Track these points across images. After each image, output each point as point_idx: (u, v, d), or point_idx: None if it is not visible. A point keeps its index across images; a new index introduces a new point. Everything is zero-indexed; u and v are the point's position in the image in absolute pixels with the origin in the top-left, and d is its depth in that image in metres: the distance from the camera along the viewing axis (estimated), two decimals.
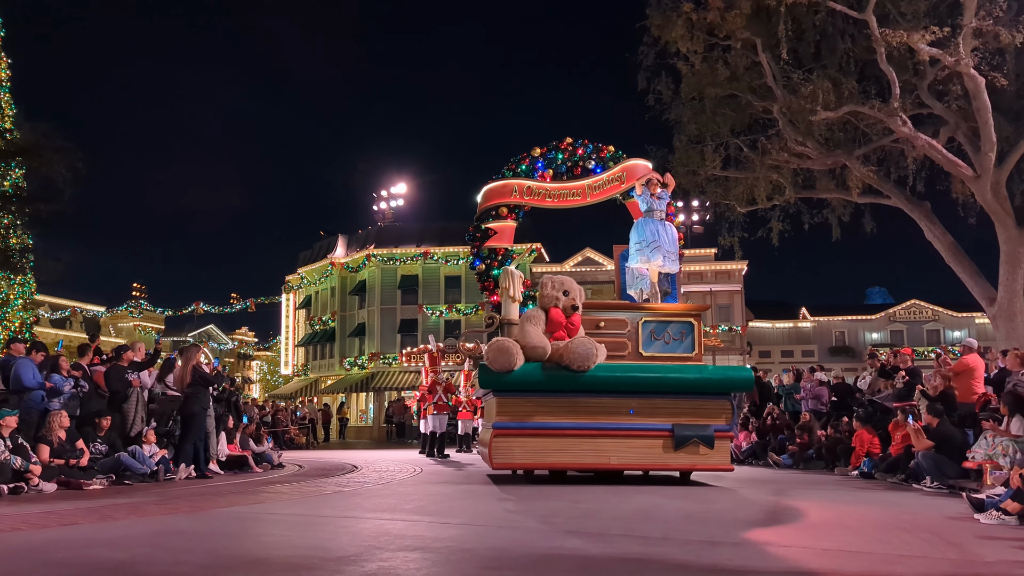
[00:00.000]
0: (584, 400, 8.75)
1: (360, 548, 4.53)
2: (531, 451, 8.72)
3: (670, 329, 9.59)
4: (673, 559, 4.24)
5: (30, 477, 8.30)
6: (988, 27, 17.75)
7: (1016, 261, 19.37)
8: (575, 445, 8.71)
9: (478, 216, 12.38)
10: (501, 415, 8.86)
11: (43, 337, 36.18)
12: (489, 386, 8.99)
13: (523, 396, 8.79)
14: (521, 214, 12.44)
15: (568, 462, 8.83)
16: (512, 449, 8.74)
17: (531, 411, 8.78)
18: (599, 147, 12.39)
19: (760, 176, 22.07)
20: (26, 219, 27.78)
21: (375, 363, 39.27)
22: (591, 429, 8.73)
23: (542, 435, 8.73)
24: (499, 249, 12.14)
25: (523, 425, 8.75)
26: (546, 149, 12.42)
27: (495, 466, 8.84)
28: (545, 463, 8.85)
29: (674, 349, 9.52)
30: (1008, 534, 5.36)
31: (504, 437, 8.77)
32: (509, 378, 8.56)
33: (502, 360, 8.46)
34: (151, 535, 5.19)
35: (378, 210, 44.41)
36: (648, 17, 20.91)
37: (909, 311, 44.57)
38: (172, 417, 11.48)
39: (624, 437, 8.74)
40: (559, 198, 12.31)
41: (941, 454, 9.08)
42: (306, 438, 26.96)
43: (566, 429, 8.72)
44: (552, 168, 12.37)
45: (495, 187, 12.32)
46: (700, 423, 8.76)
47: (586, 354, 8.48)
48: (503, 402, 8.87)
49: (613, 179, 12.12)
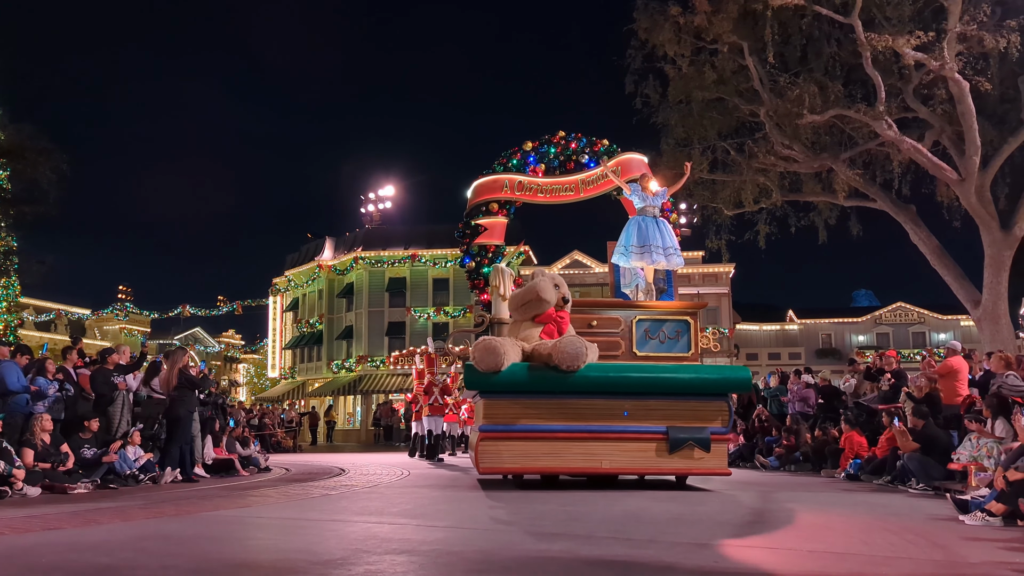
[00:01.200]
0: (574, 402, 8.38)
1: (347, 551, 4.52)
2: (519, 455, 8.37)
3: (665, 328, 9.31)
4: (660, 561, 4.25)
5: (14, 481, 8.22)
6: (972, 32, 17.91)
7: (1000, 264, 19.52)
8: (565, 449, 8.35)
9: (468, 212, 12.09)
10: (488, 418, 8.52)
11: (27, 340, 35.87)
12: (475, 387, 8.70)
13: (510, 398, 8.41)
14: (513, 210, 12.14)
15: (558, 466, 8.48)
16: (500, 453, 8.39)
17: (519, 413, 8.40)
18: (593, 141, 12.10)
19: (747, 179, 22.18)
20: (10, 221, 27.61)
21: (363, 366, 39.17)
22: (582, 432, 8.35)
23: (530, 438, 8.35)
24: (489, 246, 11.83)
25: (510, 428, 8.38)
26: (538, 143, 12.14)
27: (482, 471, 8.55)
28: (534, 467, 8.52)
29: (669, 349, 9.27)
30: (993, 535, 5.39)
31: (491, 440, 8.41)
32: (496, 379, 8.17)
33: (489, 360, 8.04)
34: (136, 539, 5.15)
35: (366, 212, 44.35)
36: (636, 21, 21.00)
37: (895, 313, 44.84)
38: (158, 420, 11.41)
39: (616, 440, 8.37)
40: (551, 193, 12.04)
41: (926, 456, 9.13)
42: (293, 441, 26.88)
43: (555, 432, 8.35)
44: (544, 162, 12.09)
45: (485, 182, 12.02)
46: (696, 425, 8.38)
47: (576, 353, 8.07)
48: (490, 404, 8.52)
49: (607, 173, 11.77)
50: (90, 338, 47.24)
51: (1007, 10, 18.37)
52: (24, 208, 27.81)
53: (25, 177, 27.52)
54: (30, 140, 27.61)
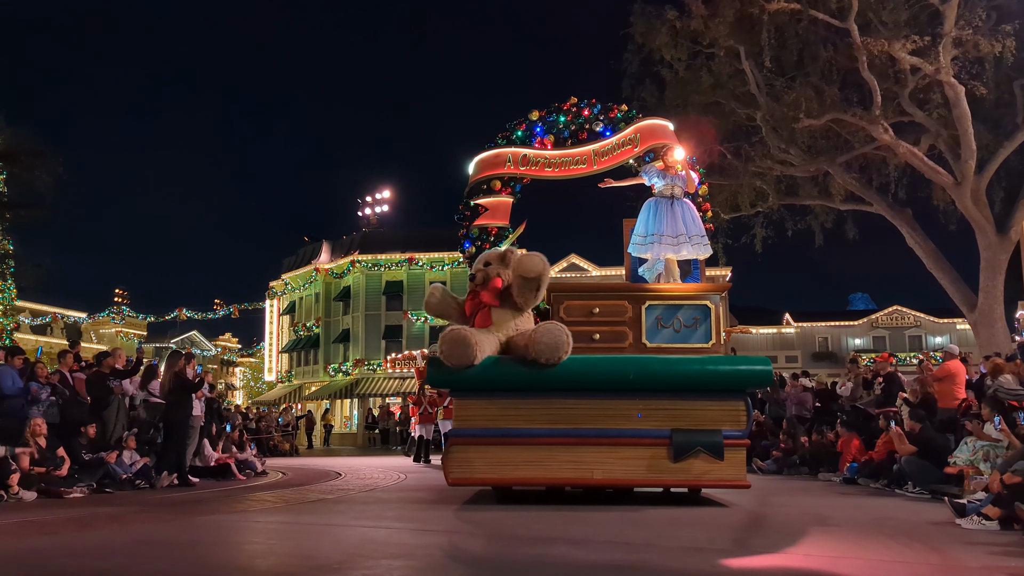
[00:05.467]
0: (560, 401, 7.17)
1: (344, 556, 4.51)
2: (495, 464, 7.15)
3: (681, 315, 7.78)
4: (657, 565, 4.25)
5: (10, 485, 8.21)
6: (968, 37, 17.99)
7: (996, 268, 19.58)
8: (549, 456, 7.13)
9: (468, 191, 11.05)
10: (459, 420, 7.41)
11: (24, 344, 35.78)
12: (442, 385, 7.63)
13: (485, 397, 7.25)
14: (519, 188, 11.07)
15: (541, 476, 7.25)
16: (472, 461, 7.16)
17: (494, 415, 7.20)
18: (609, 106, 10.95)
19: (744, 183, 22.23)
20: (7, 224, 27.61)
21: (359, 369, 39.11)
22: (569, 437, 7.14)
23: (508, 444, 7.15)
24: (491, 228, 10.75)
25: (484, 432, 7.19)
26: (545, 112, 11.02)
27: (451, 481, 7.22)
28: (512, 478, 7.30)
29: (686, 338, 7.73)
30: (989, 539, 5.40)
31: (462, 446, 7.21)
32: (466, 376, 7.01)
33: (458, 353, 6.87)
34: (132, 544, 5.14)
35: (363, 216, 44.32)
36: (632, 25, 21.06)
37: (891, 317, 44.91)
38: (155, 424, 11.39)
39: (611, 446, 7.11)
40: (560, 167, 10.87)
41: (923, 459, 9.14)
42: (290, 445, 26.83)
43: (538, 437, 7.14)
44: (553, 133, 10.97)
45: (486, 157, 10.93)
46: (706, 428, 7.07)
47: (554, 344, 6.82)
48: (461, 405, 7.40)
49: (624, 142, 10.60)
50: (86, 342, 47.15)
51: (1002, 15, 18.47)
52: (21, 211, 27.81)
53: (22, 181, 27.55)
54: (27, 143, 27.62)
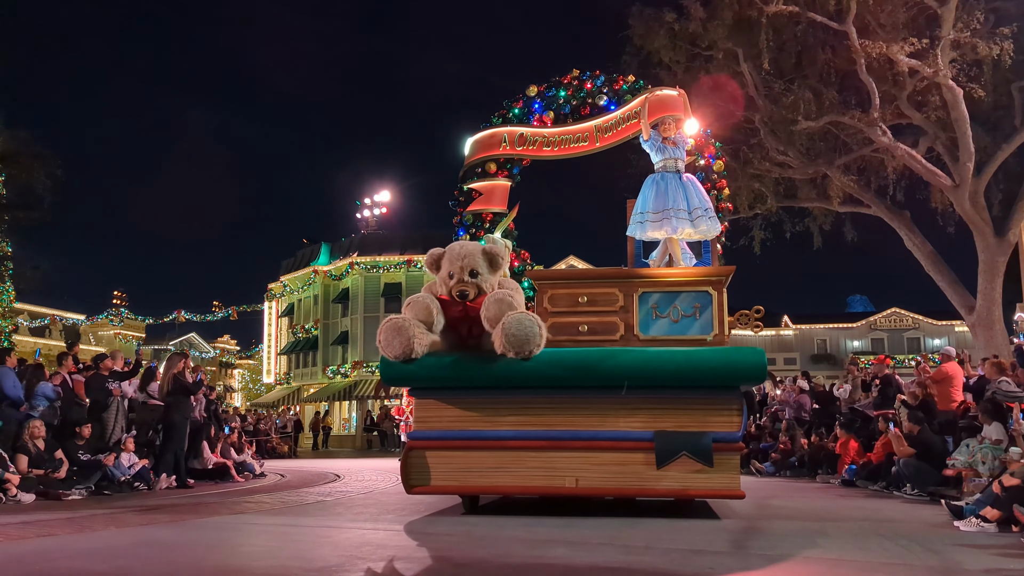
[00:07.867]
0: (528, 399, 6.44)
1: (342, 558, 4.51)
2: (457, 470, 6.45)
3: (679, 303, 7.02)
4: (656, 568, 4.25)
5: (8, 487, 8.20)
6: (966, 39, 18.04)
7: (994, 270, 19.61)
8: (518, 461, 6.38)
9: (462, 175, 10.42)
10: (419, 421, 6.72)
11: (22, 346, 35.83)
12: (393, 382, 6.97)
13: (445, 395, 6.56)
14: (516, 170, 10.35)
15: (508, 485, 6.53)
16: (431, 467, 6.47)
17: (456, 416, 6.50)
18: (613, 78, 10.24)
19: (742, 185, 22.24)
20: (5, 226, 27.62)
21: (358, 371, 39.10)
22: (538, 439, 6.38)
23: (471, 448, 6.44)
24: (486, 214, 10.08)
25: (445, 435, 6.50)
26: (544, 87, 10.34)
27: (410, 490, 6.56)
28: (476, 486, 6.60)
29: (684, 329, 6.99)
30: (987, 541, 5.40)
31: (420, 451, 6.52)
32: (417, 370, 6.34)
33: (396, 343, 6.10)
34: (131, 546, 5.14)
35: (361, 218, 44.29)
36: (631, 27, 21.09)
37: (890, 319, 44.98)
38: (153, 426, 11.39)
39: (586, 450, 6.32)
40: (560, 146, 10.12)
41: (922, 461, 9.15)
42: (288, 447, 26.83)
43: (504, 440, 6.40)
44: (553, 109, 10.29)
45: (481, 138, 10.24)
46: (693, 429, 6.23)
47: (525, 336, 5.92)
48: (420, 405, 6.71)
49: (630, 116, 9.73)
50: (85, 344, 47.11)
51: (1000, 17, 18.52)
52: (19, 213, 27.83)
53: (20, 183, 27.56)
54: (25, 145, 27.64)
